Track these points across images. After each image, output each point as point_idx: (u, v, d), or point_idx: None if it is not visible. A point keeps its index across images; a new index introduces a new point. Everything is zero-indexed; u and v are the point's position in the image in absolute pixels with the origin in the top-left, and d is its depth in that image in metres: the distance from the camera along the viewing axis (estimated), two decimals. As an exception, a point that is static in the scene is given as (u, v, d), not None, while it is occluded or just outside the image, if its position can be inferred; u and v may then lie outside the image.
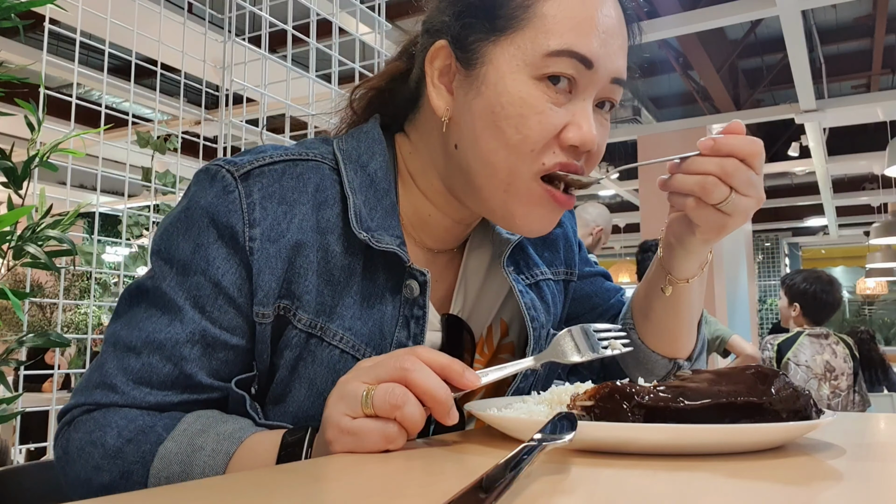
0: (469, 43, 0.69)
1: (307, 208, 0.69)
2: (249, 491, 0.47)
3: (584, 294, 0.93)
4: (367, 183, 0.72)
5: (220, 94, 2.31)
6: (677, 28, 4.94)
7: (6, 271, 1.58)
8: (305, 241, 0.68)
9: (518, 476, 0.42)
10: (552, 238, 0.88)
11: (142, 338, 0.67)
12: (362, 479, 0.50)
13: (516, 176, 0.67)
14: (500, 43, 0.67)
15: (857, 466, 0.54)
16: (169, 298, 0.67)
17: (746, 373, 0.60)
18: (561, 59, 0.65)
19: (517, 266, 0.81)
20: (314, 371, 0.69)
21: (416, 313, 0.71)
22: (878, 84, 7.38)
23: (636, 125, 7.11)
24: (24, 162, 1.56)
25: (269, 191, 0.68)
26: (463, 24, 0.70)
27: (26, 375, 1.85)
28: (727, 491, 0.45)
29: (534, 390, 0.80)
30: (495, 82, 0.67)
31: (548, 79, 0.66)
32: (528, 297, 0.79)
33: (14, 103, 1.63)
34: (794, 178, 9.76)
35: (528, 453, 0.46)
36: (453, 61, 0.70)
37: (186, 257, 0.67)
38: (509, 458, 0.44)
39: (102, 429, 0.65)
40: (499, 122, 0.66)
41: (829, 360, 3.10)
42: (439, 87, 0.72)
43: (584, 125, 0.67)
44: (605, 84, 0.69)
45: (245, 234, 0.66)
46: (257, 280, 0.67)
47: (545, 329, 0.80)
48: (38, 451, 3.20)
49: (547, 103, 0.66)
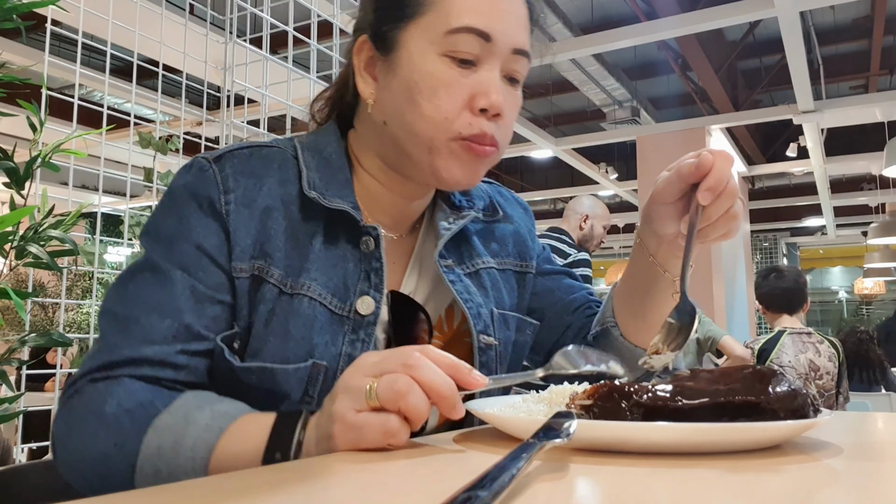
0: (385, 32, 0.78)
1: (273, 181, 0.79)
2: (250, 491, 0.47)
3: (547, 289, 0.98)
4: (322, 163, 0.81)
5: (222, 94, 2.31)
6: (676, 29, 4.94)
7: (8, 271, 1.58)
8: (273, 207, 0.77)
9: (517, 475, 0.42)
10: (500, 233, 0.94)
11: (138, 305, 0.73)
12: (362, 479, 0.50)
13: (436, 140, 0.75)
14: (409, 28, 0.76)
15: (855, 465, 0.54)
16: (158, 267, 0.74)
17: (744, 372, 0.60)
18: (461, 35, 0.74)
19: (460, 256, 0.87)
20: (286, 321, 0.74)
21: (374, 265, 0.78)
22: (876, 85, 7.38)
23: (635, 126, 7.10)
24: (26, 162, 1.57)
25: (239, 168, 0.78)
26: (378, 16, 0.80)
27: (28, 375, 1.86)
28: (725, 489, 0.46)
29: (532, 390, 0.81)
30: (408, 62, 0.76)
31: (453, 55, 0.74)
32: (462, 283, 0.84)
33: (16, 104, 1.63)
34: (792, 178, 9.76)
35: (528, 452, 0.47)
36: (374, 52, 0.80)
37: (171, 230, 0.76)
38: (508, 457, 0.45)
39: (103, 398, 0.68)
40: (414, 96, 0.75)
41: (813, 359, 3.08)
42: (365, 76, 0.81)
43: (490, 90, 0.75)
44: (507, 55, 0.77)
45: (221, 200, 0.76)
46: (234, 238, 0.75)
47: (485, 308, 0.85)
48: (40, 450, 3.20)
49: (454, 76, 0.74)
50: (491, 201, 0.95)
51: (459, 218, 0.87)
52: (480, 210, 0.92)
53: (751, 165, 8.90)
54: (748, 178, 9.60)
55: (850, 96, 7.03)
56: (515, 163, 10.54)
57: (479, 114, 0.75)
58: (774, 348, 3.11)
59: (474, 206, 0.91)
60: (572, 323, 0.97)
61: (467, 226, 0.89)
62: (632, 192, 9.51)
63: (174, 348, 0.71)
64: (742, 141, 8.27)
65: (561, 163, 8.67)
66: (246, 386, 0.74)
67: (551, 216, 11.10)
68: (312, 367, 0.74)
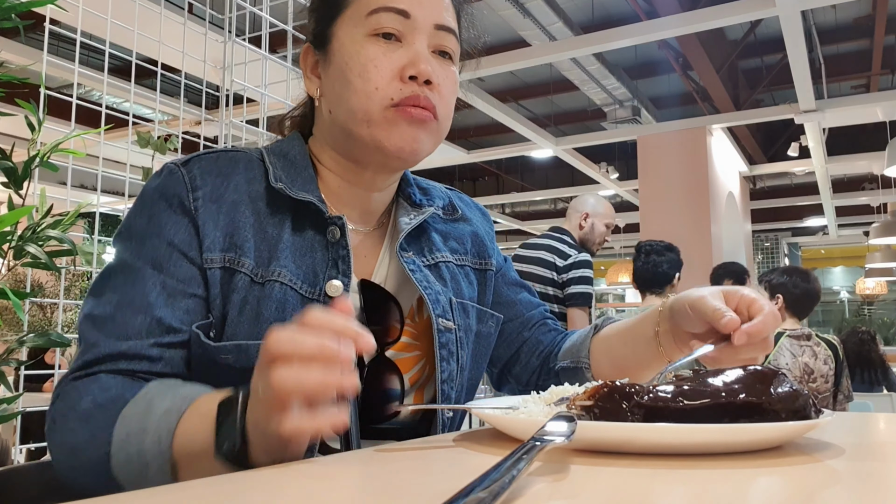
0: (320, 31, 0.85)
1: (240, 178, 0.83)
2: (250, 491, 0.47)
3: (509, 300, 1.03)
4: (287, 164, 0.86)
5: (221, 94, 2.31)
6: (677, 28, 4.94)
7: (7, 271, 1.58)
8: (241, 201, 0.81)
9: (518, 476, 0.42)
10: (459, 233, 0.98)
11: (112, 304, 0.76)
12: (362, 479, 0.50)
13: (371, 112, 0.79)
14: (338, 21, 0.83)
15: (856, 466, 0.54)
16: (130, 266, 0.77)
17: (746, 372, 0.60)
18: (381, 14, 0.80)
19: (420, 249, 0.91)
20: (259, 305, 0.77)
21: (341, 253, 0.82)
22: (877, 84, 7.38)
23: (636, 125, 7.11)
24: (24, 162, 1.56)
25: (206, 168, 0.82)
26: (315, 18, 0.87)
27: (27, 375, 1.85)
28: (726, 490, 0.45)
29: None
30: (340, 49, 0.82)
31: (379, 35, 0.80)
32: (422, 273, 0.88)
33: (14, 103, 1.63)
34: (793, 178, 9.76)
35: (528, 453, 0.46)
36: (316, 53, 0.87)
37: (142, 228, 0.79)
38: (508, 457, 0.45)
39: (80, 396, 0.71)
40: (347, 76, 0.80)
41: (808, 363, 3.07)
42: (311, 76, 0.88)
43: (417, 59, 0.79)
44: (431, 31, 0.82)
45: (189, 197, 0.79)
46: (203, 231, 0.78)
47: (443, 296, 0.88)
48: (39, 450, 3.20)
49: (381, 50, 0.80)
50: (451, 201, 1.00)
51: (419, 214, 0.91)
52: (440, 208, 0.96)
53: (752, 165, 8.90)
54: (749, 177, 9.61)
55: (851, 96, 7.03)
56: (515, 162, 10.54)
57: (408, 81, 0.79)
58: (773, 350, 3.10)
59: (434, 203, 0.95)
60: (529, 338, 1.03)
61: (428, 223, 0.93)
62: (632, 191, 9.52)
63: (148, 342, 0.74)
64: (743, 140, 8.27)
65: (561, 162, 8.67)
66: (224, 368, 0.76)
67: (551, 216, 11.11)
68: None
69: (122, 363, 0.74)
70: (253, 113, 2.46)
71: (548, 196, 10.72)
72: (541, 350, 1.02)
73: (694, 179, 6.80)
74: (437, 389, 0.82)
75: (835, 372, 3.10)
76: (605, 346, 0.95)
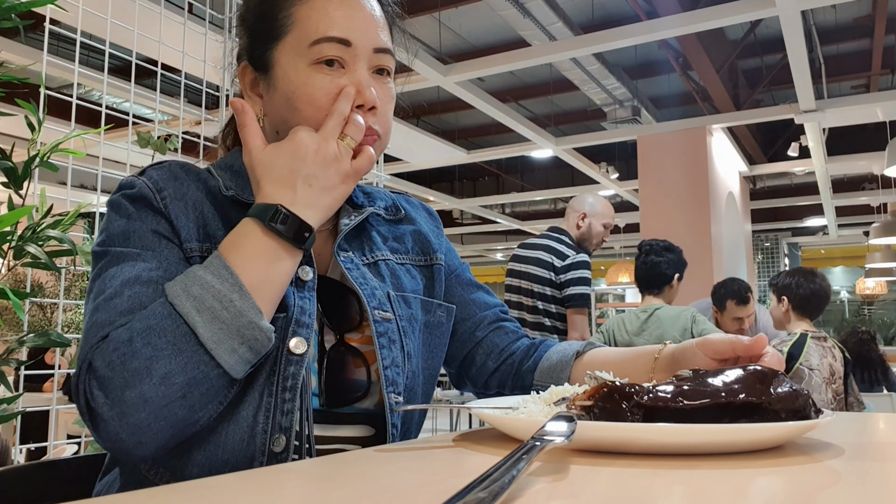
0: (260, 54, 0.87)
1: (194, 184, 0.86)
2: (250, 491, 0.47)
3: (462, 299, 1.05)
4: (234, 175, 0.89)
5: (221, 94, 2.31)
6: (677, 28, 4.94)
7: (7, 271, 1.58)
8: (202, 200, 0.85)
9: (518, 476, 0.42)
10: (400, 233, 1.01)
11: (115, 284, 0.75)
12: (362, 479, 0.50)
13: None
14: (279, 47, 0.85)
15: (856, 466, 0.54)
16: (122, 255, 0.78)
17: (745, 372, 0.60)
18: (323, 44, 0.82)
19: (361, 249, 0.95)
20: None
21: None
22: (877, 84, 7.38)
23: (636, 125, 7.10)
24: (24, 162, 1.56)
25: (164, 175, 0.86)
26: (251, 41, 0.90)
27: (27, 375, 1.85)
28: (726, 490, 0.45)
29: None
30: (283, 77, 0.84)
31: (322, 63, 0.83)
32: (359, 271, 0.91)
33: (14, 103, 1.63)
34: (793, 178, 9.76)
35: (528, 452, 0.46)
36: (255, 73, 0.89)
37: (122, 227, 0.81)
38: (508, 457, 0.45)
39: (119, 334, 0.69)
40: (294, 103, 0.83)
41: (832, 364, 3.08)
42: (252, 95, 0.90)
43: (362, 88, 0.83)
44: (370, 55, 0.85)
45: (157, 197, 0.82)
46: (177, 224, 0.81)
47: (380, 290, 0.91)
48: (39, 450, 3.20)
49: (326, 80, 0.82)
50: (394, 202, 1.04)
51: (359, 215, 0.94)
52: (382, 209, 1.00)
53: (752, 165, 8.90)
54: (749, 177, 9.61)
55: (851, 95, 7.03)
56: (515, 162, 10.54)
57: (356, 110, 0.83)
58: (802, 352, 3.07)
59: (375, 204, 0.99)
60: (483, 339, 1.03)
61: (370, 223, 0.97)
62: (632, 191, 9.52)
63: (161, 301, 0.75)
64: (743, 140, 8.27)
65: (561, 162, 8.67)
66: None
67: (551, 216, 11.10)
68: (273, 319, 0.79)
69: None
70: (253, 113, 2.45)
71: (548, 196, 10.71)
72: (497, 352, 1.02)
73: (694, 179, 6.80)
74: (381, 375, 0.84)
75: (844, 374, 3.10)
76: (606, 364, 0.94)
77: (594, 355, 0.96)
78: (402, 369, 0.88)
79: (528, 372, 0.99)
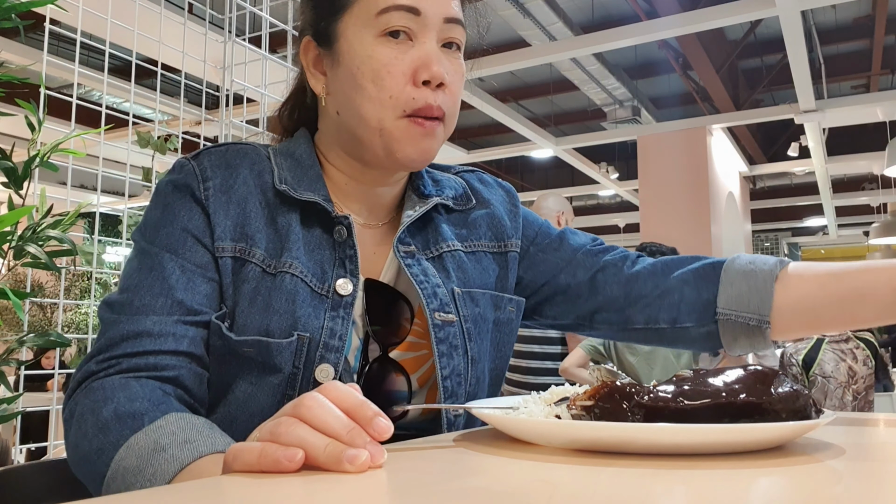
0: (324, 27, 0.83)
1: (248, 172, 0.83)
2: (249, 491, 0.47)
3: (547, 262, 0.97)
4: (293, 163, 0.86)
5: (221, 94, 2.31)
6: (677, 28, 4.94)
7: (7, 271, 1.58)
8: (250, 193, 0.82)
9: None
10: (472, 219, 0.95)
11: (131, 290, 0.76)
12: (362, 480, 0.50)
13: (384, 120, 0.79)
14: (344, 18, 0.81)
15: (857, 466, 0.54)
16: (147, 253, 0.79)
17: (746, 372, 0.60)
18: (391, 13, 0.78)
19: (425, 241, 0.89)
20: (270, 296, 0.78)
21: (349, 253, 0.82)
22: (877, 84, 7.38)
23: (636, 125, 7.10)
24: (24, 162, 1.56)
25: (216, 161, 0.83)
26: (315, 14, 0.85)
27: (27, 375, 1.85)
28: (727, 490, 0.45)
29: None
30: (349, 50, 0.80)
31: (388, 34, 0.78)
32: (420, 267, 0.85)
33: (15, 103, 1.63)
34: (793, 178, 9.77)
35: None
36: (318, 49, 0.84)
37: (157, 218, 0.80)
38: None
39: (105, 400, 0.69)
40: (359, 80, 0.79)
41: (852, 366, 3.05)
42: (315, 72, 0.86)
43: (430, 62, 0.78)
44: (440, 25, 0.80)
45: (200, 188, 0.80)
46: (214, 220, 0.79)
47: (443, 288, 0.85)
48: (39, 450, 3.20)
49: (392, 54, 0.78)
50: (465, 190, 0.96)
51: (424, 205, 0.88)
52: (450, 198, 0.93)
53: (752, 165, 8.90)
54: (749, 177, 9.60)
55: (851, 96, 7.03)
56: (515, 162, 10.55)
57: (421, 86, 0.78)
58: (816, 360, 3.04)
59: (443, 194, 0.92)
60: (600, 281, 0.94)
61: (438, 213, 0.91)
62: (632, 191, 9.52)
63: (171, 318, 0.75)
64: (743, 140, 8.27)
65: (561, 162, 8.67)
66: (242, 359, 0.77)
67: (552, 216, 11.08)
68: (298, 340, 0.76)
69: (147, 342, 0.73)
70: (253, 113, 2.46)
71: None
72: (620, 279, 0.93)
73: (694, 179, 6.81)
74: (439, 387, 0.80)
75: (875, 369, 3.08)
76: (805, 305, 0.85)
77: (801, 277, 0.85)
78: (465, 377, 0.83)
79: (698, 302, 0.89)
